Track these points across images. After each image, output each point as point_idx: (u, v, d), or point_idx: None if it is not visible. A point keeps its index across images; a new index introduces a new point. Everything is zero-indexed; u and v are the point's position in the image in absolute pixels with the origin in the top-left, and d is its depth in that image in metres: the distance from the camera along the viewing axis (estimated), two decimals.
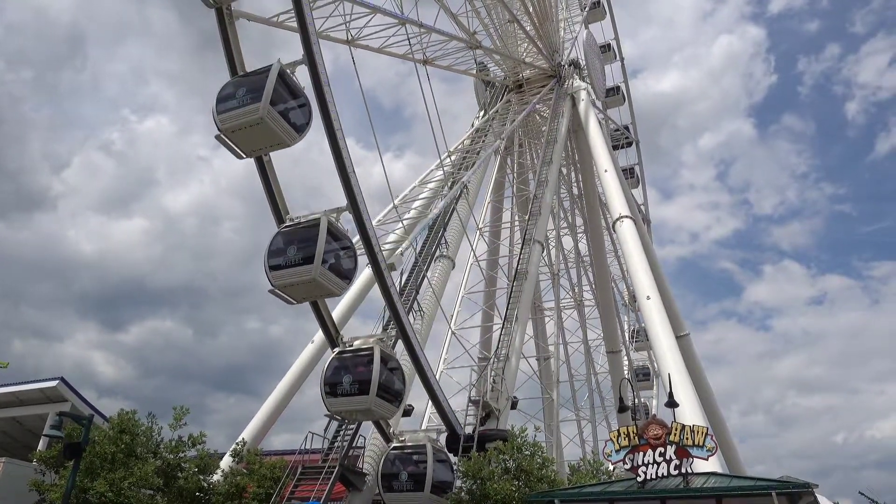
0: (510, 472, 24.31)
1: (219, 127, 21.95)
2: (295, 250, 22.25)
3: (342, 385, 22.81)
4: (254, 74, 22.54)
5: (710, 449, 18.07)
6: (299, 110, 22.74)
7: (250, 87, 21.82)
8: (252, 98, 21.48)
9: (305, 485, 25.78)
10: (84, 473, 24.21)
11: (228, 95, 22.09)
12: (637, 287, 35.19)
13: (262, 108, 21.21)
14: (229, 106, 21.84)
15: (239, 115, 21.59)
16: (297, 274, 21.94)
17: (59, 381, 35.57)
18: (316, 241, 21.95)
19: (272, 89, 21.46)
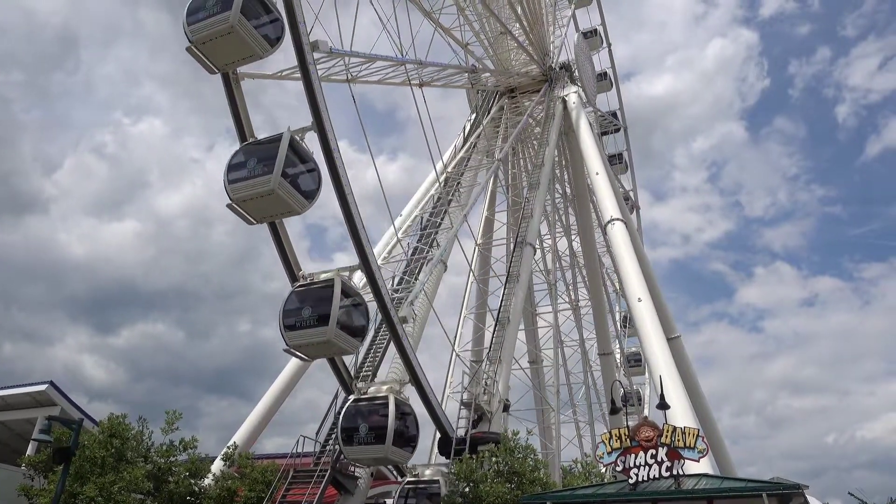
0: (502, 475, 24.31)
1: (230, 196, 22.10)
2: (310, 312, 22.51)
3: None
4: (266, 143, 22.68)
5: (702, 450, 18.13)
6: (309, 176, 22.93)
7: (262, 157, 22.02)
8: (264, 168, 21.65)
9: (297, 488, 25.71)
10: (73, 478, 24.02)
11: (240, 164, 22.28)
12: (628, 289, 35.28)
13: (274, 180, 21.42)
14: (241, 175, 22.04)
15: (250, 186, 21.76)
16: (313, 335, 22.33)
17: (48, 385, 35.31)
18: (331, 300, 22.32)
19: (284, 159, 21.64)
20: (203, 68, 22.52)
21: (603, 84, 61.72)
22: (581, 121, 46.92)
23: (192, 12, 21.85)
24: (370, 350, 29.43)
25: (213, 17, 21.33)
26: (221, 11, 21.22)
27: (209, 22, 21.39)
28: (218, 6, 21.35)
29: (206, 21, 21.42)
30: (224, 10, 21.18)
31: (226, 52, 22.02)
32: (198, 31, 21.54)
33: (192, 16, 21.78)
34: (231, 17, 21.00)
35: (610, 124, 63.54)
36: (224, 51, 21.92)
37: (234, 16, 21.01)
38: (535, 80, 50.24)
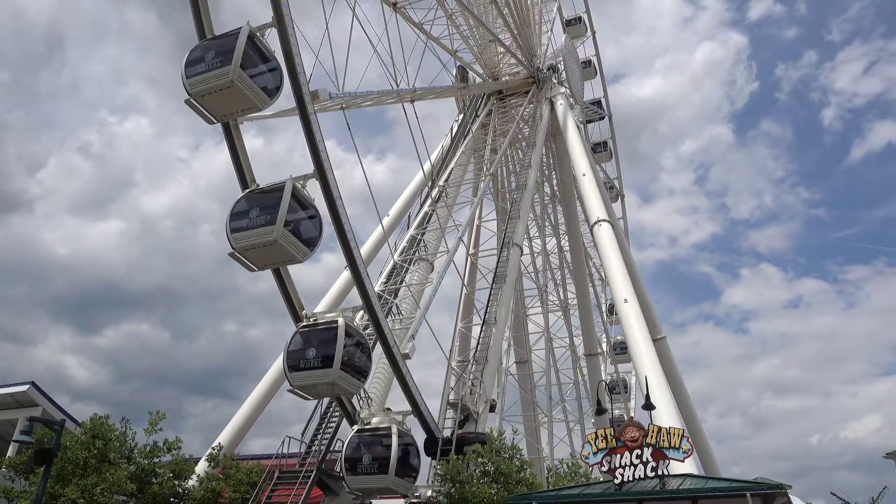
0: (489, 476, 24.32)
1: (232, 245, 22.17)
2: (314, 353, 22.66)
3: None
4: (269, 192, 22.60)
5: (686, 451, 18.23)
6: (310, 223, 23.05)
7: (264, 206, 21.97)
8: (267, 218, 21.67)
9: (282, 489, 25.57)
10: (55, 480, 23.77)
11: (242, 213, 22.20)
12: (615, 290, 35.47)
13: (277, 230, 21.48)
14: (243, 225, 22.00)
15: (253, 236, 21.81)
16: (316, 377, 22.48)
17: (29, 386, 34.95)
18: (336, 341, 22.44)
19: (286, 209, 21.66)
20: (202, 118, 22.40)
21: (588, 72, 61.79)
22: (568, 122, 47.09)
23: (190, 64, 21.65)
24: None
25: (213, 71, 21.16)
26: (221, 66, 21.05)
27: (208, 76, 21.23)
28: (217, 60, 21.18)
29: (206, 75, 21.26)
30: (224, 64, 21.02)
31: (225, 105, 21.93)
32: (197, 85, 21.37)
33: (191, 68, 21.59)
34: (231, 71, 20.85)
35: (595, 113, 63.72)
36: (223, 103, 21.83)
37: (234, 71, 20.86)
38: (523, 81, 50.38)
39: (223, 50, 21.37)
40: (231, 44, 21.27)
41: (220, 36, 22.20)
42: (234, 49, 21.01)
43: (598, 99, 64.54)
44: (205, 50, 21.78)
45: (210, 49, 21.66)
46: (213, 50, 21.54)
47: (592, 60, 63.19)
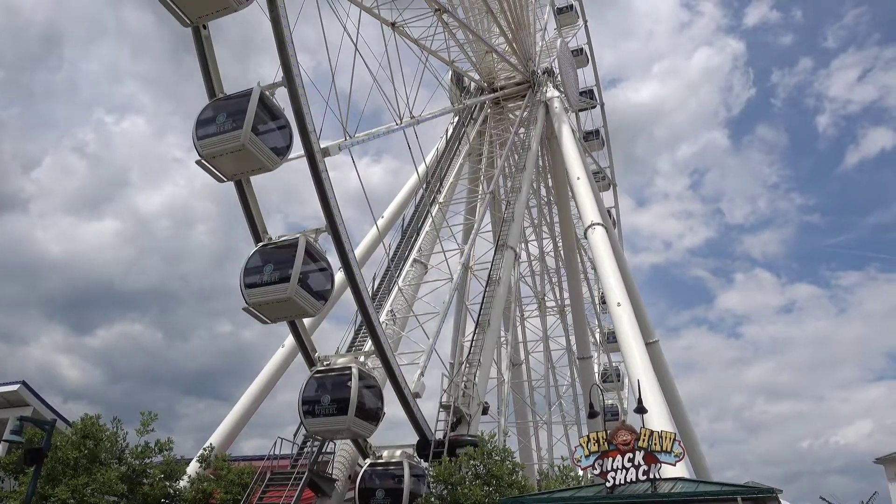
0: (480, 478, 24.34)
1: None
2: (329, 399, 22.94)
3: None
4: (283, 247, 22.61)
5: (678, 454, 18.30)
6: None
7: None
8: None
9: (274, 491, 25.53)
10: (45, 480, 23.63)
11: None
12: (608, 293, 35.57)
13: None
14: (256, 281, 21.96)
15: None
16: (332, 424, 22.71)
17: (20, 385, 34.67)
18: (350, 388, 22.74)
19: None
20: (211, 177, 22.45)
21: (580, 60, 61.50)
22: (563, 126, 47.23)
23: (201, 125, 21.78)
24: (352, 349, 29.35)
25: (224, 135, 21.28)
26: (232, 129, 21.18)
27: (219, 139, 21.35)
28: (229, 123, 21.31)
29: (217, 137, 21.39)
30: (235, 127, 21.14)
31: (236, 166, 22.08)
32: (208, 147, 21.49)
33: (202, 129, 21.70)
34: (242, 136, 20.96)
35: (586, 102, 63.63)
36: (234, 164, 21.97)
37: (245, 135, 20.98)
38: (518, 84, 50.51)
39: (234, 111, 21.60)
40: (243, 105, 21.45)
41: (232, 96, 22.37)
42: (246, 111, 21.25)
43: (590, 88, 63.88)
44: (216, 111, 22.01)
45: (221, 110, 21.90)
46: (225, 112, 21.78)
47: (584, 49, 62.85)
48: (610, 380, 58.58)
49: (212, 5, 21.17)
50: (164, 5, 20.98)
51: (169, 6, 20.93)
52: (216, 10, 21.42)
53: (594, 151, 63.38)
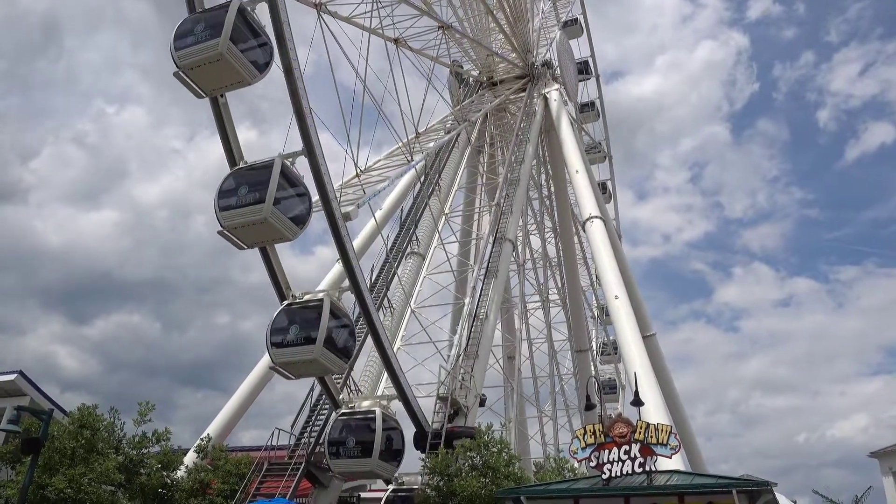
0: (477, 469, 24.41)
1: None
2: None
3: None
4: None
5: (674, 447, 18.36)
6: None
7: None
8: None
9: (271, 481, 25.61)
10: (42, 469, 23.65)
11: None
12: (605, 286, 35.63)
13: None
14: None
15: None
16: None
17: (17, 375, 34.65)
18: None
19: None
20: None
21: (574, 29, 60.28)
22: (562, 119, 47.14)
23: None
24: None
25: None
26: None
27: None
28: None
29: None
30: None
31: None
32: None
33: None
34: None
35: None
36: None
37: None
38: (516, 75, 50.34)
39: (256, 182, 21.78)
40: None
41: (255, 166, 22.59)
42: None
43: (584, 59, 62.62)
44: (238, 182, 22.19)
45: (243, 182, 22.07)
46: (247, 184, 21.91)
47: (579, 19, 61.74)
48: (608, 352, 58.55)
49: (226, 79, 21.68)
50: (179, 80, 21.42)
51: (183, 80, 21.38)
52: (230, 83, 21.99)
53: (589, 123, 62.93)
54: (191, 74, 21.47)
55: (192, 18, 21.97)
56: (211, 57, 20.91)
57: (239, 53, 21.23)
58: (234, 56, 21.05)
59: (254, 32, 22.05)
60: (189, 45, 21.23)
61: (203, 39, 21.05)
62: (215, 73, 21.40)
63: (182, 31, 21.58)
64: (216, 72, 21.35)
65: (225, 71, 21.33)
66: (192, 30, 21.41)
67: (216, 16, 21.39)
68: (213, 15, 21.54)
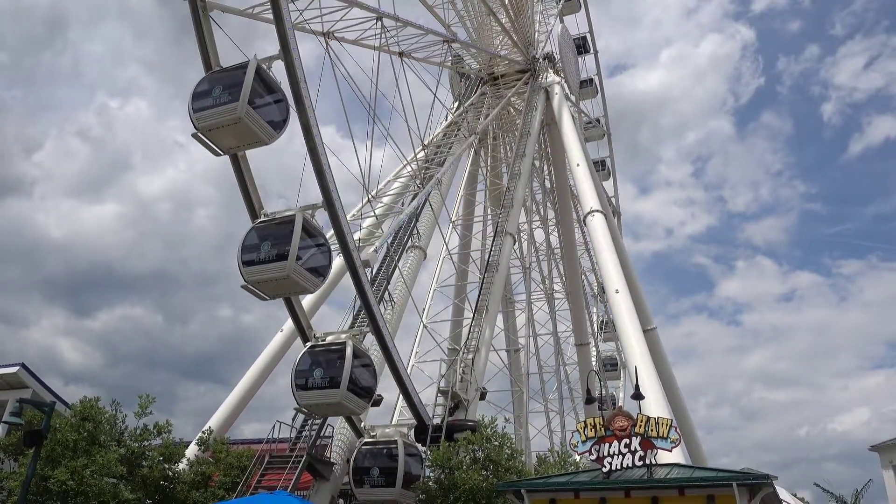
0: (478, 462, 24.49)
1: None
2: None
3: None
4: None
5: (674, 440, 18.39)
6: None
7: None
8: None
9: (272, 474, 25.68)
10: (45, 461, 23.76)
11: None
12: (606, 281, 35.59)
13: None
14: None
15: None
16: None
17: (19, 367, 34.76)
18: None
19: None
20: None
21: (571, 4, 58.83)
22: (563, 112, 47.00)
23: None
24: None
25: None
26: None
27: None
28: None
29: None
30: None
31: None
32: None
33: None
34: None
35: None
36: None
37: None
38: (517, 69, 50.19)
39: (278, 236, 22.04)
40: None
41: (276, 219, 22.81)
42: (291, 238, 21.69)
43: (583, 35, 61.76)
44: (260, 237, 22.38)
45: (266, 238, 22.29)
46: (269, 241, 22.16)
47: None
48: (609, 330, 58.55)
49: (243, 139, 21.93)
50: (198, 140, 21.71)
51: (202, 141, 21.68)
52: (247, 143, 22.28)
53: (588, 99, 62.78)
54: (209, 135, 21.72)
55: (210, 78, 22.09)
56: (229, 120, 21.15)
57: (256, 116, 21.44)
58: (251, 119, 21.27)
59: (269, 89, 22.22)
60: (207, 107, 21.42)
61: (221, 103, 21.22)
62: (233, 134, 21.66)
63: (200, 92, 21.75)
64: (234, 133, 21.61)
65: (242, 132, 21.57)
66: (209, 91, 21.56)
67: (234, 76, 21.54)
68: (231, 75, 21.68)
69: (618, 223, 65.76)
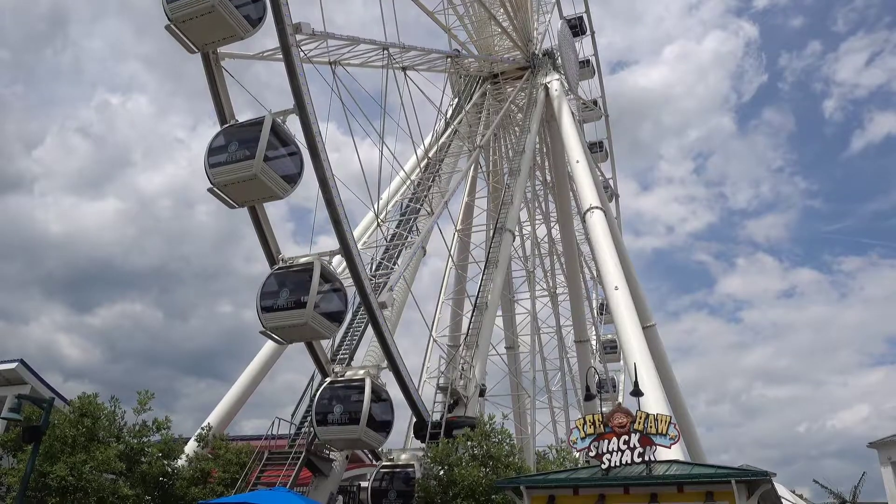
0: (478, 459, 24.49)
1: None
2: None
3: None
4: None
5: (673, 437, 18.40)
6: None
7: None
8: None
9: (272, 470, 25.68)
10: (43, 457, 23.74)
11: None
12: (605, 278, 35.55)
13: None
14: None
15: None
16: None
17: (18, 364, 34.66)
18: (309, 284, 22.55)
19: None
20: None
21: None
22: (563, 109, 46.92)
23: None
24: (347, 333, 29.40)
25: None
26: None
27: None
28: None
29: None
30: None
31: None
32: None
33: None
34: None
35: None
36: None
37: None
38: (517, 66, 50.13)
39: (296, 283, 22.30)
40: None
41: (293, 267, 23.05)
42: (310, 289, 21.91)
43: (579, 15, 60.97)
44: (279, 283, 22.58)
45: (284, 285, 22.52)
46: (288, 287, 22.39)
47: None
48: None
49: (258, 194, 22.23)
50: (213, 195, 22.15)
51: (217, 195, 22.07)
52: (262, 198, 22.67)
53: (584, 80, 62.57)
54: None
55: (226, 133, 22.20)
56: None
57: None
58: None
59: (284, 143, 22.36)
60: (223, 162, 21.55)
61: (237, 159, 21.35)
62: (207, 26, 21.46)
63: (216, 147, 21.88)
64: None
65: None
66: (226, 147, 21.70)
67: (250, 132, 21.65)
68: (247, 131, 21.80)
69: (615, 206, 66.09)
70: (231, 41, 22.56)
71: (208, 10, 20.84)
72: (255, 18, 22.12)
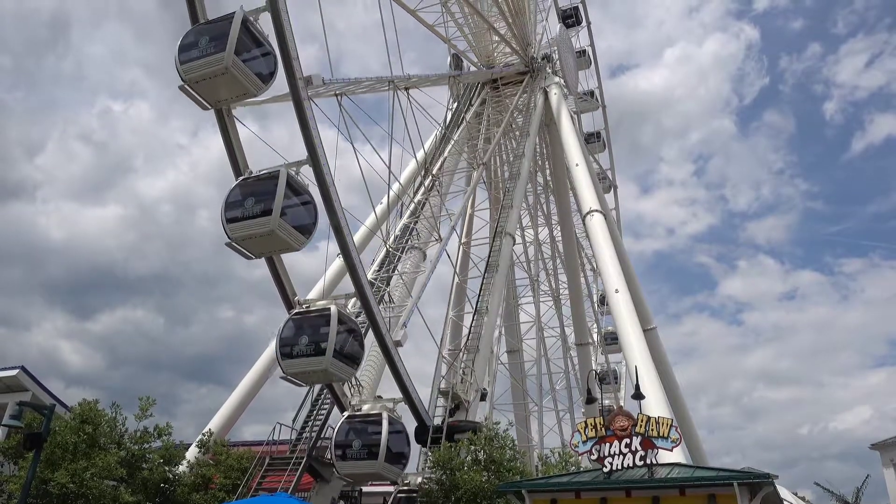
0: (480, 463, 24.45)
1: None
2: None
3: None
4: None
5: (675, 440, 18.35)
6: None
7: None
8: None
9: (273, 475, 25.67)
10: (45, 464, 23.73)
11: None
12: (606, 281, 35.56)
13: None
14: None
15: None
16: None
17: (19, 370, 34.69)
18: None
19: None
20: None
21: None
22: (562, 112, 46.99)
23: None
24: None
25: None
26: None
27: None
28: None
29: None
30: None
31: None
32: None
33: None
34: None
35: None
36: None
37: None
38: (517, 71, 50.22)
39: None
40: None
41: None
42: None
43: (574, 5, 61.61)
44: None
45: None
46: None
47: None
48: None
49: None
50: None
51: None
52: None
53: (581, 70, 62.45)
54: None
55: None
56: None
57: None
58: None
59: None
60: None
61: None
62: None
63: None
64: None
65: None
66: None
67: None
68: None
69: (614, 197, 66.20)
70: (244, 98, 22.75)
71: (222, 71, 21.02)
72: (266, 74, 22.25)
